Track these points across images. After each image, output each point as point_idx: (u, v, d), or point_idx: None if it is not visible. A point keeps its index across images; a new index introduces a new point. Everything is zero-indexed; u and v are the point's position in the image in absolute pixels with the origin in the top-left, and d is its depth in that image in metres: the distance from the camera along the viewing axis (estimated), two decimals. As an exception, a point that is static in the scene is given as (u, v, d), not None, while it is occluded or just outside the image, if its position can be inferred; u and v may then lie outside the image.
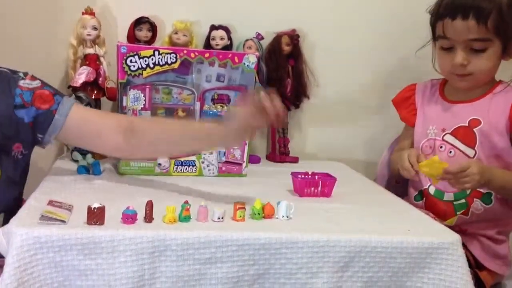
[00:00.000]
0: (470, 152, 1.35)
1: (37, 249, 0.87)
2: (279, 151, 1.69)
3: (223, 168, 1.39)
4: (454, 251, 1.00)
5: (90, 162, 1.34)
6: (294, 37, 1.64)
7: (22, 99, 1.10)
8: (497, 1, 1.28)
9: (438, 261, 0.99)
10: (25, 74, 1.14)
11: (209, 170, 1.38)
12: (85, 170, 1.30)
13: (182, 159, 1.35)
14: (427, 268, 1.00)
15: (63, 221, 0.92)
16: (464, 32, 1.29)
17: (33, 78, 1.14)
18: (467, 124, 1.36)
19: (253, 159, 1.58)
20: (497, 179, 1.27)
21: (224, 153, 1.38)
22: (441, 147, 1.39)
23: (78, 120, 1.15)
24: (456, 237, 1.02)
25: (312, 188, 1.24)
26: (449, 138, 1.38)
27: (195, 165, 1.37)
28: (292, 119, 1.71)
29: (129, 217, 0.95)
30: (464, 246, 1.05)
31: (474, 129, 1.35)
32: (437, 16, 1.35)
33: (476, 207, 1.35)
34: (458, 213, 1.37)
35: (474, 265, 1.32)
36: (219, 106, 1.39)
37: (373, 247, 0.98)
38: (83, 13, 1.47)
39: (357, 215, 1.13)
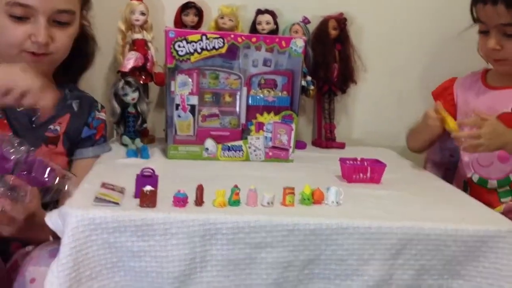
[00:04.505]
0: None
1: (92, 230, 0.89)
2: (325, 137, 1.67)
3: (270, 153, 1.38)
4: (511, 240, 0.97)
5: (139, 146, 1.36)
6: (341, 21, 1.61)
7: (92, 122, 1.34)
8: None
9: (494, 249, 0.97)
10: (102, 107, 1.39)
11: (255, 155, 1.38)
12: (134, 154, 1.32)
13: (229, 144, 1.36)
14: (482, 257, 0.98)
15: (117, 203, 0.93)
16: (495, 17, 1.28)
17: (105, 113, 1.39)
18: (510, 110, 1.33)
19: (299, 144, 1.56)
20: None
21: (271, 138, 1.37)
22: None
23: (84, 167, 1.27)
24: (513, 225, 0.99)
25: (361, 174, 1.23)
26: None
27: (242, 150, 1.37)
28: (338, 104, 1.69)
29: (180, 200, 0.96)
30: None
31: None
32: (473, 0, 1.34)
33: None
34: (502, 200, 1.35)
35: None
36: (266, 91, 1.38)
37: (426, 234, 0.96)
38: (131, -1, 1.48)
39: (408, 201, 1.11)
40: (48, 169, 0.97)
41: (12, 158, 0.94)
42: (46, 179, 0.98)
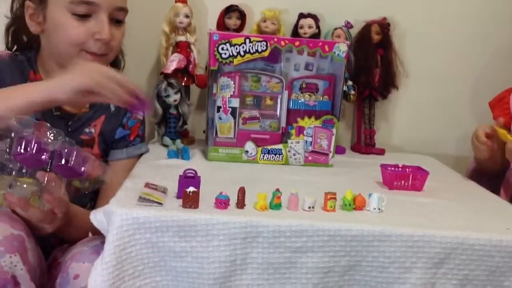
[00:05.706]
0: None
1: (135, 230, 0.90)
2: (364, 143, 1.66)
3: (310, 158, 1.38)
4: (558, 253, 0.94)
5: (180, 147, 1.37)
6: (384, 26, 1.60)
7: (127, 122, 1.31)
8: None
9: (540, 262, 0.94)
10: None
11: (295, 159, 1.38)
12: (175, 154, 1.33)
13: (269, 147, 1.36)
14: (527, 269, 0.96)
15: (160, 203, 0.94)
16: None
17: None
18: None
19: (338, 149, 1.55)
20: None
21: (311, 142, 1.37)
22: None
23: (118, 169, 1.26)
24: (561, 238, 0.96)
25: (402, 181, 1.21)
26: None
27: (282, 154, 1.37)
28: (378, 110, 1.67)
29: (222, 202, 0.96)
30: None
31: None
32: None
33: None
34: None
35: None
36: (307, 95, 1.38)
37: (470, 244, 0.94)
38: (176, 1, 1.49)
39: (451, 210, 1.09)
40: (84, 159, 0.99)
41: (49, 149, 0.96)
42: (83, 170, 0.99)
